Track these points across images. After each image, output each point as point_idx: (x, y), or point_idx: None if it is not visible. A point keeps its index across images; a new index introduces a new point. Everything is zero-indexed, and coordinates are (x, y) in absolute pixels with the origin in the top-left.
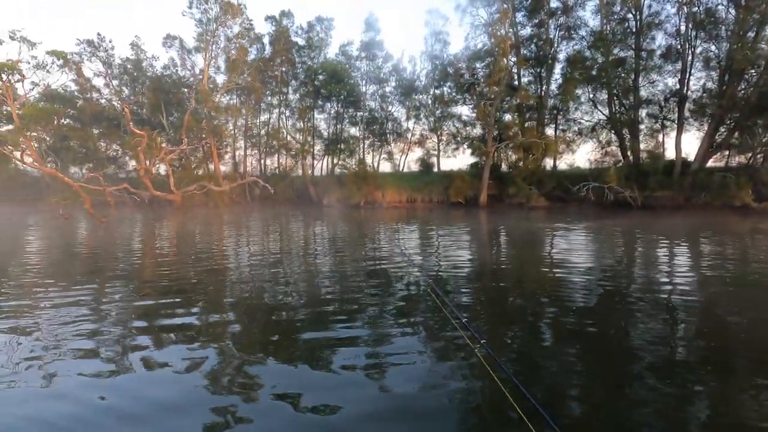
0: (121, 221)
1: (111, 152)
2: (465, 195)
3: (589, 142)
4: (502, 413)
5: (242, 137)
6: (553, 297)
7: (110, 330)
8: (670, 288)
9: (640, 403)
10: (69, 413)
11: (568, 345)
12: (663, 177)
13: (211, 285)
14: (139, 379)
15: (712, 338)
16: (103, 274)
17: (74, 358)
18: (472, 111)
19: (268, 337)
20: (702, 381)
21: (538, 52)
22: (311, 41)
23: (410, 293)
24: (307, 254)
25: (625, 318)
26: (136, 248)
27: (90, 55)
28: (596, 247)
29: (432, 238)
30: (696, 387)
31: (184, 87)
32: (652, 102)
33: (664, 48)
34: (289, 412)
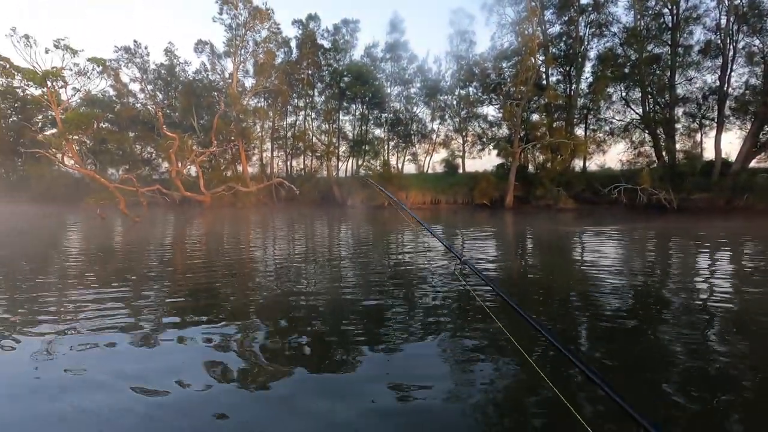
0: (153, 221)
1: (145, 154)
2: (490, 196)
3: (620, 142)
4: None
5: (269, 139)
6: (583, 302)
7: (143, 325)
8: (706, 295)
9: (671, 414)
10: (104, 403)
11: (598, 351)
12: (701, 178)
13: (240, 284)
14: (167, 373)
15: (750, 349)
16: (136, 271)
17: (109, 351)
18: (498, 111)
19: (296, 337)
20: (737, 392)
21: (567, 50)
22: (337, 44)
23: (439, 294)
24: (332, 254)
25: (658, 326)
26: (168, 248)
27: (127, 61)
28: (628, 252)
29: (456, 240)
30: (730, 398)
31: (214, 91)
32: (690, 100)
33: (703, 43)
34: (316, 410)
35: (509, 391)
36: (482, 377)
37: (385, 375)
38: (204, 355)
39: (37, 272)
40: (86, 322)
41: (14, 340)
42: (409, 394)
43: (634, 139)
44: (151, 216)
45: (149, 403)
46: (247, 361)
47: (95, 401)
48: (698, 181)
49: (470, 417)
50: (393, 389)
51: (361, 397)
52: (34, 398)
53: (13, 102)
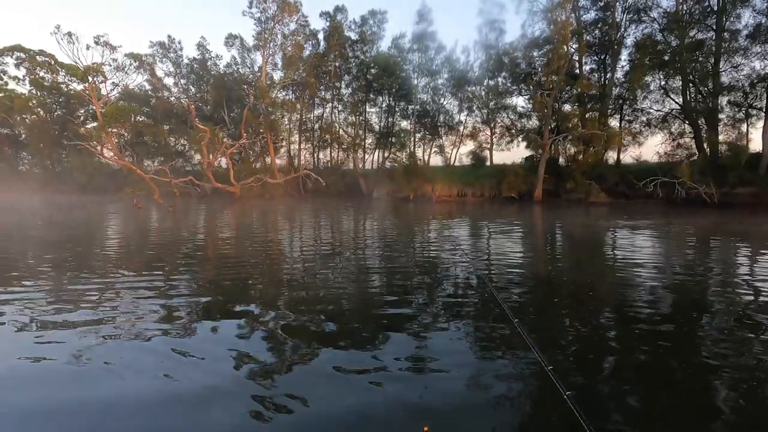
0: (186, 211)
1: (179, 147)
2: (518, 190)
3: (658, 133)
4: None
5: (297, 131)
6: (613, 305)
7: (175, 313)
8: (749, 298)
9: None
10: (140, 389)
11: (628, 355)
12: (745, 171)
13: (268, 273)
14: (198, 360)
15: None
16: (170, 259)
17: (143, 337)
18: (528, 102)
19: (320, 325)
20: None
21: (602, 38)
22: (364, 35)
23: (461, 288)
24: (357, 245)
25: (695, 332)
26: (200, 237)
27: (162, 56)
28: (663, 249)
29: (483, 235)
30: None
31: (243, 84)
32: (735, 88)
33: (752, 27)
34: (339, 393)
35: (520, 386)
36: (497, 371)
37: (404, 361)
38: (233, 341)
39: (82, 258)
40: (123, 308)
41: (57, 323)
42: (427, 381)
43: (672, 130)
44: (183, 206)
45: (180, 390)
46: (274, 348)
47: (132, 387)
48: (743, 175)
49: (485, 407)
50: (410, 374)
51: (382, 383)
52: (75, 385)
53: (57, 97)
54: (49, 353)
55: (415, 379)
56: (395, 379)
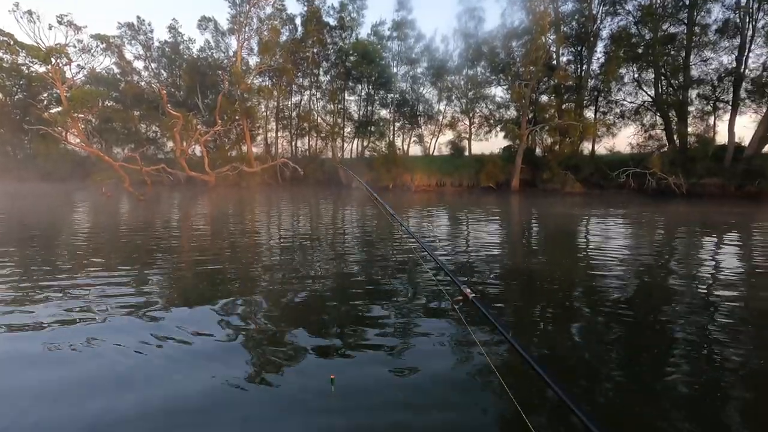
0: (158, 200)
1: (150, 133)
2: (497, 179)
3: (631, 125)
4: None
5: (273, 119)
6: (586, 290)
7: (148, 305)
8: (711, 282)
9: (671, 400)
10: (108, 373)
11: (599, 335)
12: (712, 163)
13: (244, 263)
14: (173, 352)
15: (753, 335)
16: (142, 250)
17: (115, 330)
18: (506, 92)
19: (298, 315)
20: (738, 377)
21: (579, 29)
22: (343, 21)
23: (433, 278)
24: (336, 236)
25: (661, 312)
26: (173, 227)
27: (131, 39)
28: (634, 237)
29: (461, 224)
30: (730, 382)
31: (218, 69)
32: (704, 82)
33: (721, 22)
34: (314, 386)
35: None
36: (478, 363)
37: (384, 352)
38: (208, 330)
39: (45, 250)
40: (93, 302)
41: (24, 318)
42: (403, 370)
43: (645, 122)
44: (156, 195)
45: (154, 382)
46: (251, 338)
47: (106, 377)
48: (710, 166)
49: (462, 398)
50: (389, 365)
51: (363, 373)
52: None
53: (18, 79)
54: (15, 344)
55: (391, 369)
56: (369, 362)
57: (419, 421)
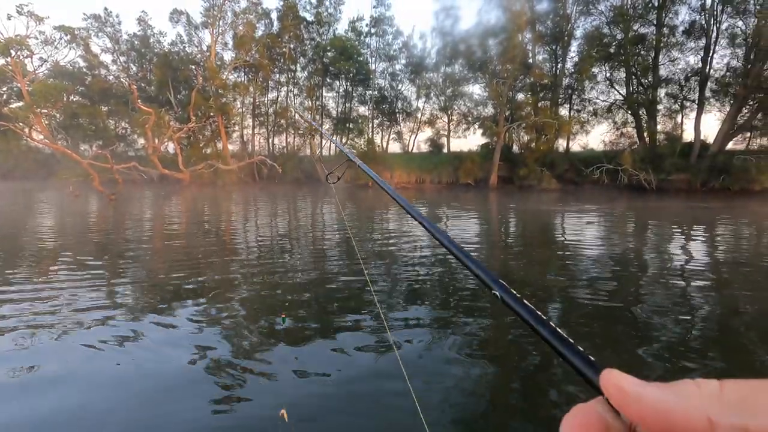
0: (129, 199)
1: (120, 130)
2: (475, 176)
3: (604, 123)
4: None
5: (250, 116)
6: (562, 281)
7: (120, 308)
8: (682, 273)
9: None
10: (87, 387)
11: (577, 325)
12: (680, 160)
13: (220, 263)
14: (147, 353)
15: (722, 320)
16: (113, 252)
17: (86, 329)
18: (484, 90)
19: (276, 314)
20: (710, 358)
21: (554, 29)
22: (320, 17)
23: (418, 276)
24: (315, 236)
25: (636, 300)
26: (146, 226)
27: (97, 31)
28: (608, 231)
29: (441, 220)
30: (704, 364)
31: (191, 64)
32: (672, 81)
33: (688, 24)
34: (295, 381)
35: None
36: (458, 351)
37: (363, 347)
38: (183, 333)
39: (7, 254)
40: (63, 306)
41: None
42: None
43: (617, 119)
44: (127, 194)
45: (130, 385)
46: (227, 337)
47: (82, 380)
48: (677, 163)
49: (444, 391)
50: (367, 360)
51: (341, 368)
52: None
53: None
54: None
55: (369, 364)
56: (347, 365)
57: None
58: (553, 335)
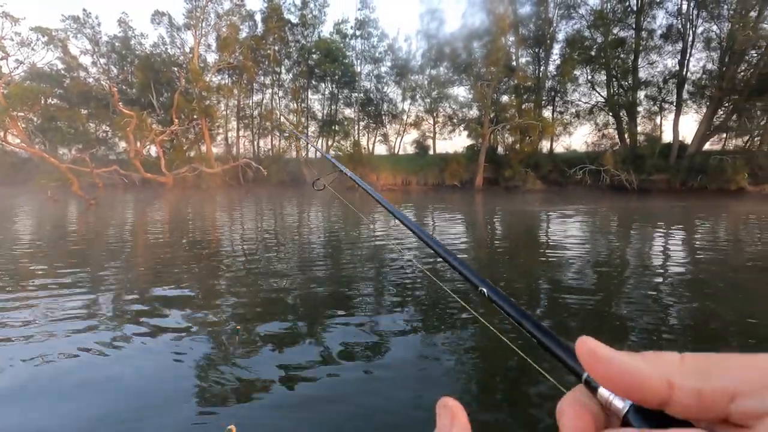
0: (111, 204)
1: (100, 133)
2: (461, 178)
3: (586, 124)
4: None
5: (234, 118)
6: (547, 279)
7: (102, 316)
8: (662, 270)
9: None
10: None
11: (561, 324)
12: (659, 160)
13: (205, 270)
14: (130, 365)
15: (701, 318)
16: (94, 258)
17: (62, 339)
18: (468, 92)
19: (262, 322)
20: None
21: (537, 32)
22: (305, 19)
23: (404, 279)
24: (302, 238)
25: (618, 299)
26: (128, 232)
27: (76, 32)
28: (591, 231)
29: (427, 222)
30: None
31: (173, 66)
32: (651, 84)
33: (665, 27)
34: (284, 386)
35: (479, 358)
36: (449, 348)
37: (353, 351)
38: (168, 342)
39: None
40: (41, 316)
41: None
42: (373, 367)
43: (598, 121)
44: (108, 198)
45: (111, 397)
46: (214, 347)
47: (60, 388)
48: (657, 163)
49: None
50: (359, 365)
51: (334, 376)
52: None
53: None
54: None
55: (366, 367)
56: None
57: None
58: (536, 328)
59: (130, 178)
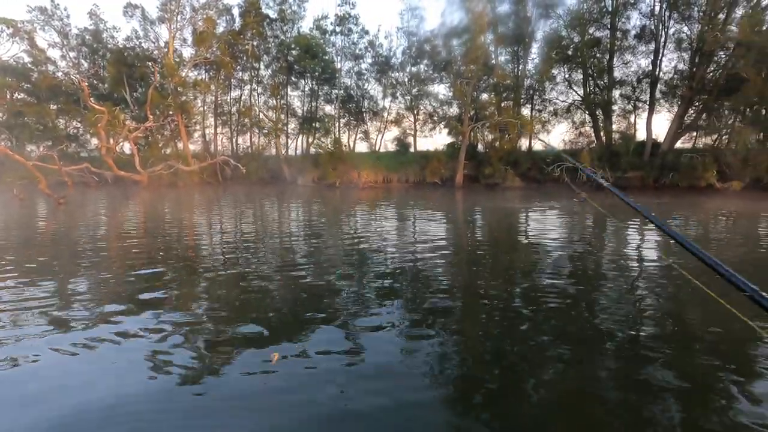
0: (82, 202)
1: (71, 130)
2: (441, 175)
3: (563, 122)
4: None
5: (212, 115)
6: (525, 275)
7: (73, 319)
8: (636, 265)
9: (601, 387)
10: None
11: (537, 322)
12: (634, 158)
13: (183, 269)
14: (104, 370)
15: (671, 312)
16: (63, 259)
17: (34, 350)
18: (448, 90)
19: (242, 323)
20: (657, 350)
21: (515, 30)
22: (284, 14)
23: (389, 277)
24: (282, 238)
25: (593, 296)
26: (100, 232)
27: (43, 24)
28: (568, 227)
29: (408, 218)
30: (651, 354)
31: (148, 60)
32: (626, 83)
33: (639, 28)
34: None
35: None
36: (440, 342)
37: (338, 351)
38: (145, 345)
39: None
40: (7, 320)
41: None
42: (360, 367)
43: (575, 119)
44: (79, 197)
45: (85, 403)
46: (191, 350)
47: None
48: (631, 161)
49: (426, 375)
50: (347, 366)
51: (322, 377)
52: None
53: None
54: None
55: (348, 372)
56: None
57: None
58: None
59: (102, 176)
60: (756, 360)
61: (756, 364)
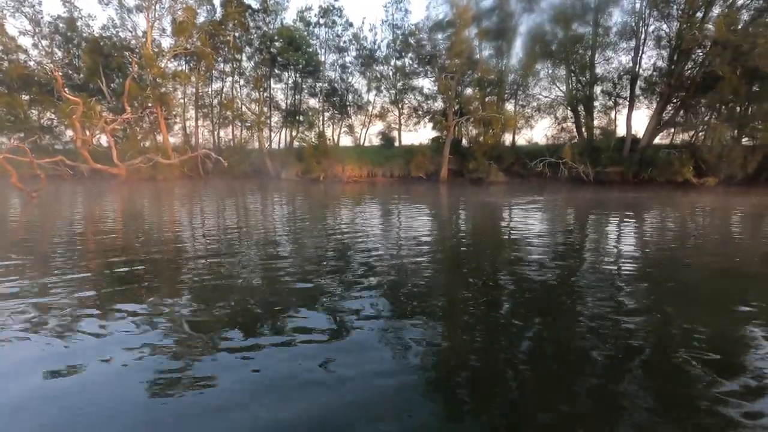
0: (56, 196)
1: (45, 121)
2: (426, 170)
3: (546, 118)
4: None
5: (193, 107)
6: (508, 270)
7: (48, 318)
8: (615, 258)
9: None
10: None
11: (521, 318)
12: (614, 153)
13: (162, 264)
14: (82, 366)
15: (647, 295)
16: (36, 255)
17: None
18: (433, 84)
19: (224, 318)
20: (641, 338)
21: (499, 25)
22: (266, 5)
23: (373, 272)
24: (267, 233)
25: (573, 287)
26: (75, 226)
27: (13, 11)
28: (550, 221)
29: (392, 213)
30: (635, 344)
31: (125, 50)
32: (607, 79)
33: (620, 25)
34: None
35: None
36: (422, 332)
37: (319, 347)
38: (121, 342)
39: None
40: None
41: None
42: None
43: (558, 115)
44: (53, 191)
45: (63, 397)
46: (176, 345)
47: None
48: (612, 156)
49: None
50: (326, 362)
51: (299, 374)
52: None
53: None
54: None
55: (327, 367)
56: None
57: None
58: None
59: (77, 169)
60: (737, 352)
61: (737, 357)
